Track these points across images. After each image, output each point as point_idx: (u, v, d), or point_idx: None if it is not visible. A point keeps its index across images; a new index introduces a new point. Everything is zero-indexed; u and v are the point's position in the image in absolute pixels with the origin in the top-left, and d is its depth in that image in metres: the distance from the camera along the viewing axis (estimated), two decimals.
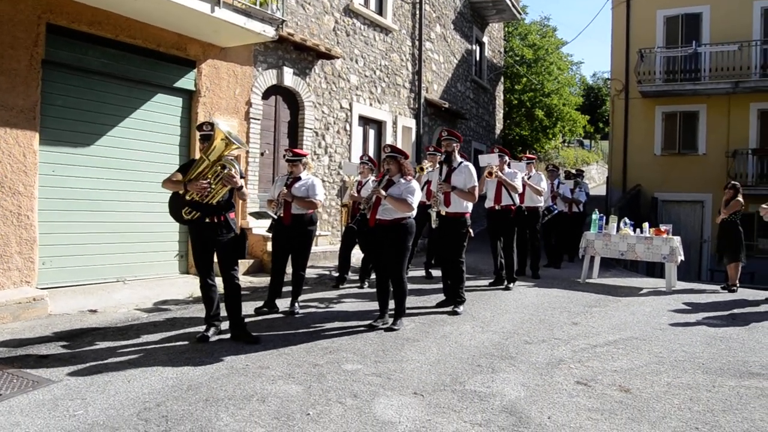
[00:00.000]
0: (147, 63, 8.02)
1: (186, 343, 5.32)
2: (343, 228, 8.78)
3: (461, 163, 6.98)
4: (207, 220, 5.27)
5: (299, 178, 6.65)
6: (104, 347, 5.16)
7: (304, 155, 6.82)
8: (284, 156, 6.90)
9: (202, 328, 5.56)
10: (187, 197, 5.20)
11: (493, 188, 8.48)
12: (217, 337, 5.43)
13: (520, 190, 8.61)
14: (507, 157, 8.68)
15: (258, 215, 6.85)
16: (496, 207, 8.52)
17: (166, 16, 7.60)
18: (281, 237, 6.68)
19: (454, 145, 7.04)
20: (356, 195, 7.95)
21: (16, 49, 6.58)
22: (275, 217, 6.58)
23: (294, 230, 6.60)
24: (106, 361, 4.75)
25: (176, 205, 5.28)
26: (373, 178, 7.82)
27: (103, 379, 4.33)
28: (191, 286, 7.79)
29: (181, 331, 5.72)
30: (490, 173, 8.06)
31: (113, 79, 7.69)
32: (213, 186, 5.16)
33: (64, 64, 7.13)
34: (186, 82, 8.57)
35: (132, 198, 7.89)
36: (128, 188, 7.86)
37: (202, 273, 5.45)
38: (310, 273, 8.64)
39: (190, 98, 8.72)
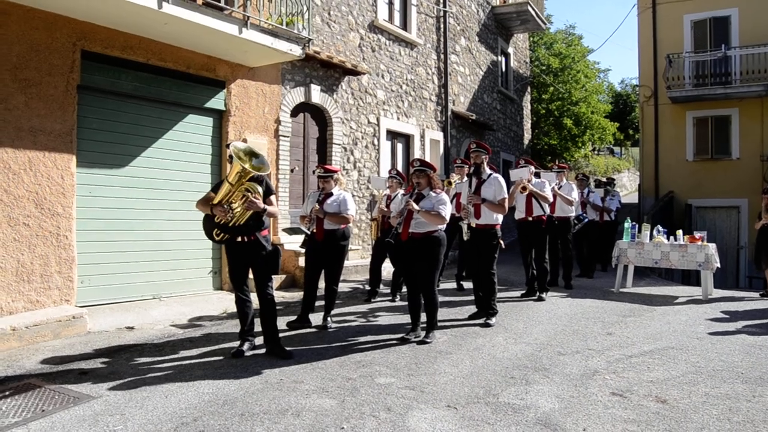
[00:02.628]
0: (178, 85, 8.20)
1: (221, 358, 5.39)
2: (374, 242, 8.82)
3: (491, 174, 6.99)
4: (239, 239, 5.34)
5: (331, 194, 6.72)
6: (142, 363, 5.27)
7: (336, 171, 6.88)
8: (314, 172, 6.97)
9: (236, 343, 5.63)
10: (216, 220, 5.25)
11: (523, 200, 8.44)
12: (251, 352, 5.49)
13: (551, 199, 8.57)
14: (533, 167, 8.66)
15: (292, 231, 6.92)
16: (528, 218, 8.48)
17: (195, 39, 7.78)
18: (314, 252, 6.74)
19: (483, 157, 7.05)
20: (385, 209, 7.97)
21: (53, 76, 6.79)
22: (308, 233, 6.65)
23: (327, 245, 6.66)
24: (144, 377, 4.84)
25: (208, 227, 5.37)
26: (401, 192, 7.85)
27: (141, 394, 4.42)
28: (225, 302, 7.89)
29: (217, 347, 5.80)
30: (524, 188, 8.05)
31: (146, 101, 7.89)
32: (235, 210, 5.18)
33: (98, 88, 7.34)
34: (216, 102, 8.74)
35: (166, 216, 8.06)
36: (162, 207, 8.03)
37: (237, 288, 5.51)
38: (341, 287, 8.67)
39: (220, 118, 8.89)
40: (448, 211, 5.90)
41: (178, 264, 8.22)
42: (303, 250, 6.95)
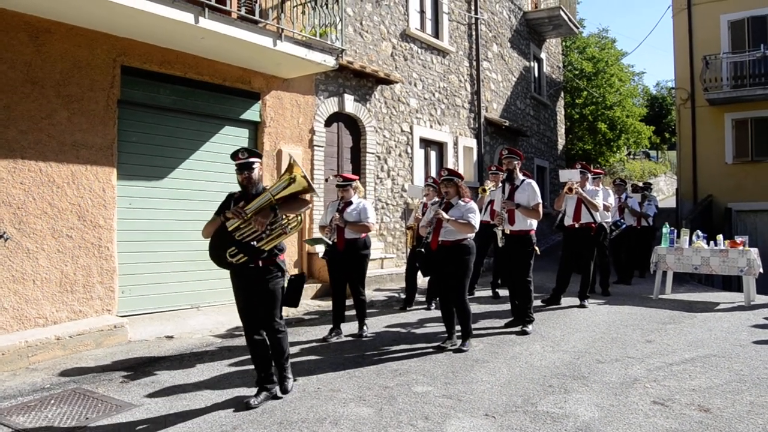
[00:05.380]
0: (214, 97, 8.35)
1: None
2: (409, 250, 8.82)
3: (524, 180, 6.96)
4: (252, 264, 4.47)
5: (350, 203, 6.70)
6: (181, 372, 5.35)
7: (354, 180, 6.85)
8: (331, 179, 6.89)
9: None
10: (237, 236, 4.43)
11: (572, 205, 8.36)
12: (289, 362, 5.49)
13: (601, 208, 8.44)
14: (589, 174, 8.56)
15: (313, 241, 6.94)
16: (576, 225, 8.39)
17: (231, 52, 7.92)
18: (337, 262, 6.69)
19: (515, 163, 7.02)
20: (421, 217, 7.96)
21: (95, 91, 6.98)
22: (330, 243, 6.62)
23: (348, 255, 6.62)
24: (184, 386, 4.92)
25: (218, 245, 4.60)
26: (436, 200, 7.84)
27: (181, 402, 4.49)
28: None
29: None
30: (570, 189, 7.97)
31: (183, 114, 8.05)
32: (271, 230, 4.45)
33: (137, 102, 7.51)
34: (251, 114, 8.87)
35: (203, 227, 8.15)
36: (200, 218, 8.05)
37: (250, 327, 4.54)
38: (377, 296, 8.70)
39: (256, 129, 9.02)
40: (477, 219, 5.89)
41: (215, 274, 8.22)
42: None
